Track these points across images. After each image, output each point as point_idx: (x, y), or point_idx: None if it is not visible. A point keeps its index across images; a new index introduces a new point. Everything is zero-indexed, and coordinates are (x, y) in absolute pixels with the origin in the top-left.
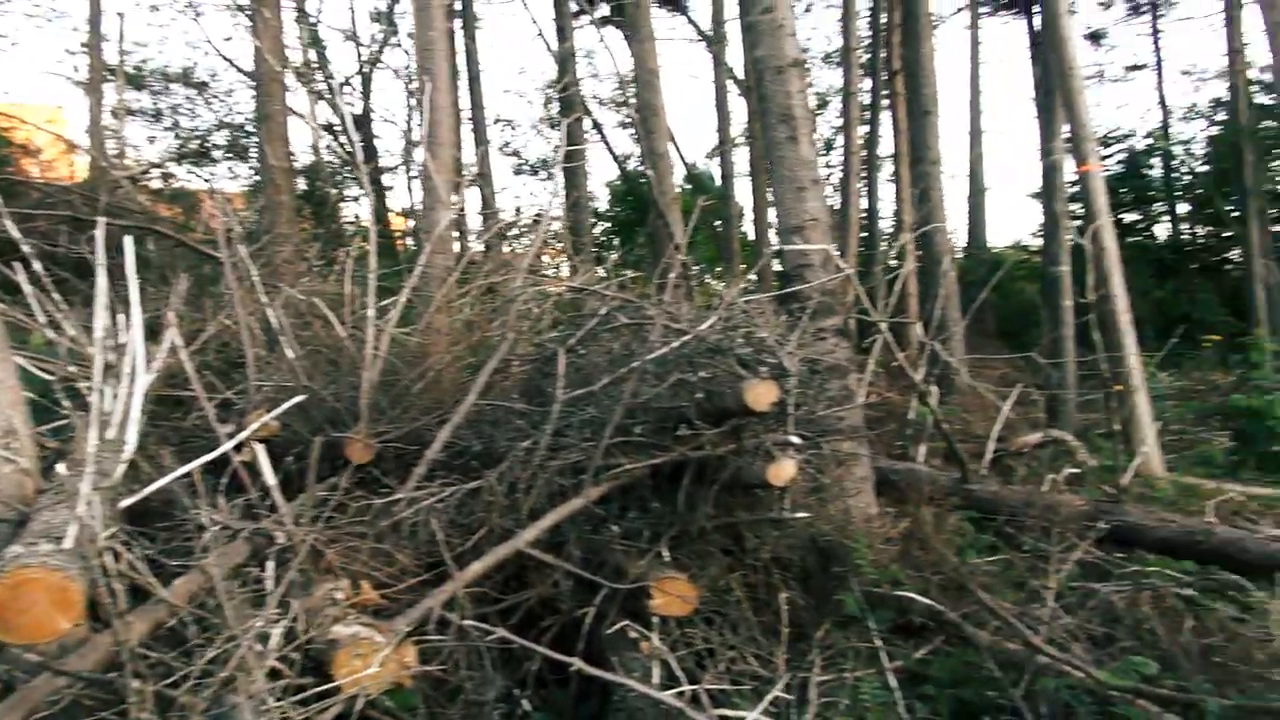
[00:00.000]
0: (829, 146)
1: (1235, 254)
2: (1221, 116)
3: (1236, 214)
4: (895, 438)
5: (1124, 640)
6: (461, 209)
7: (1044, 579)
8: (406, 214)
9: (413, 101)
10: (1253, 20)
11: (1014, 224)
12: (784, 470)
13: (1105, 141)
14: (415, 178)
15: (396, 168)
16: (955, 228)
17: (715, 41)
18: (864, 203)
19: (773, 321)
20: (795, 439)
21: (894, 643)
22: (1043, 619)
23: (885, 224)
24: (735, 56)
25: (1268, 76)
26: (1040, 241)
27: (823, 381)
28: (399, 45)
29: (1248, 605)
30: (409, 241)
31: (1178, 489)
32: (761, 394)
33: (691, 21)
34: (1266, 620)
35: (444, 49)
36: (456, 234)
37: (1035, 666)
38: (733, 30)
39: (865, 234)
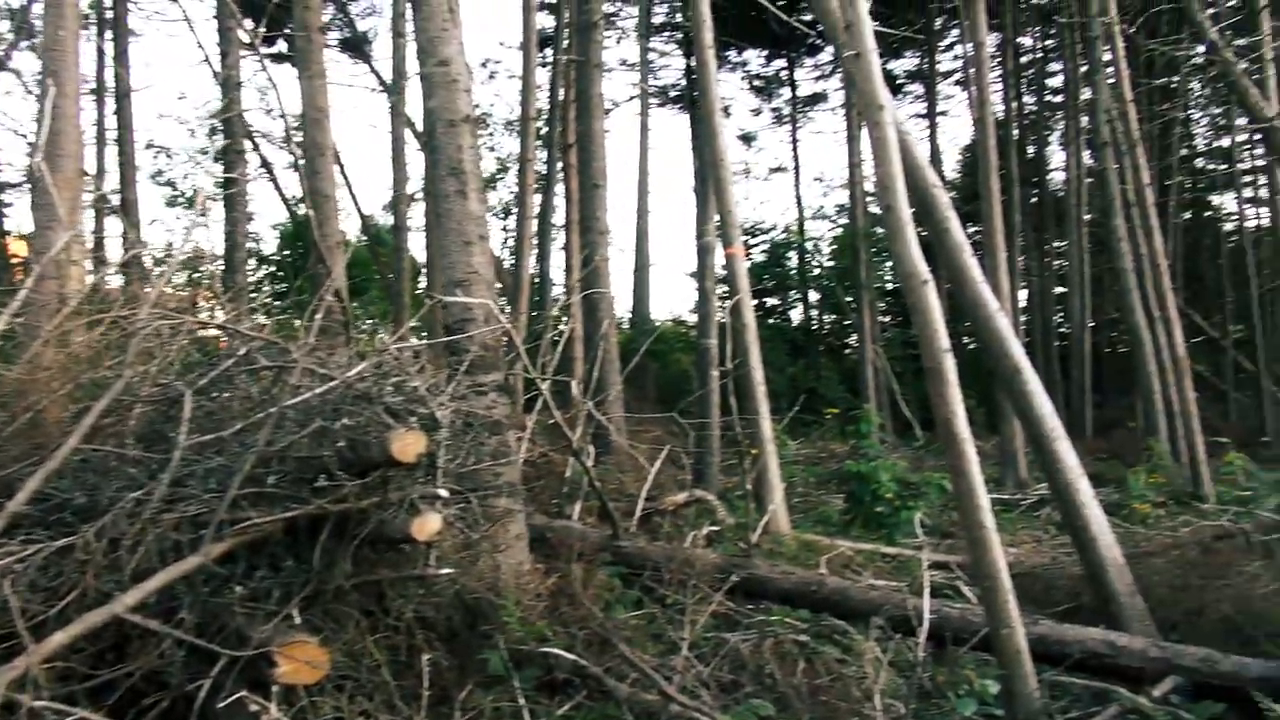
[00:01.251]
0: (507, 212)
1: (853, 339)
2: (844, 220)
3: (853, 304)
4: (553, 495)
5: (748, 685)
6: (99, 236)
7: (681, 630)
8: (24, 236)
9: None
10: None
11: (676, 299)
12: (429, 525)
13: (752, 232)
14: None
15: (20, 184)
16: (621, 299)
17: (394, 91)
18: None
19: (428, 372)
20: (443, 493)
21: (538, 700)
22: (677, 669)
23: (557, 290)
24: (415, 108)
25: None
26: (695, 316)
27: (479, 436)
28: (31, 48)
29: (849, 647)
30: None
31: (800, 545)
32: (409, 444)
33: (373, 69)
34: (861, 660)
35: (74, 51)
36: (89, 263)
37: (669, 715)
38: (413, 82)
39: (536, 298)
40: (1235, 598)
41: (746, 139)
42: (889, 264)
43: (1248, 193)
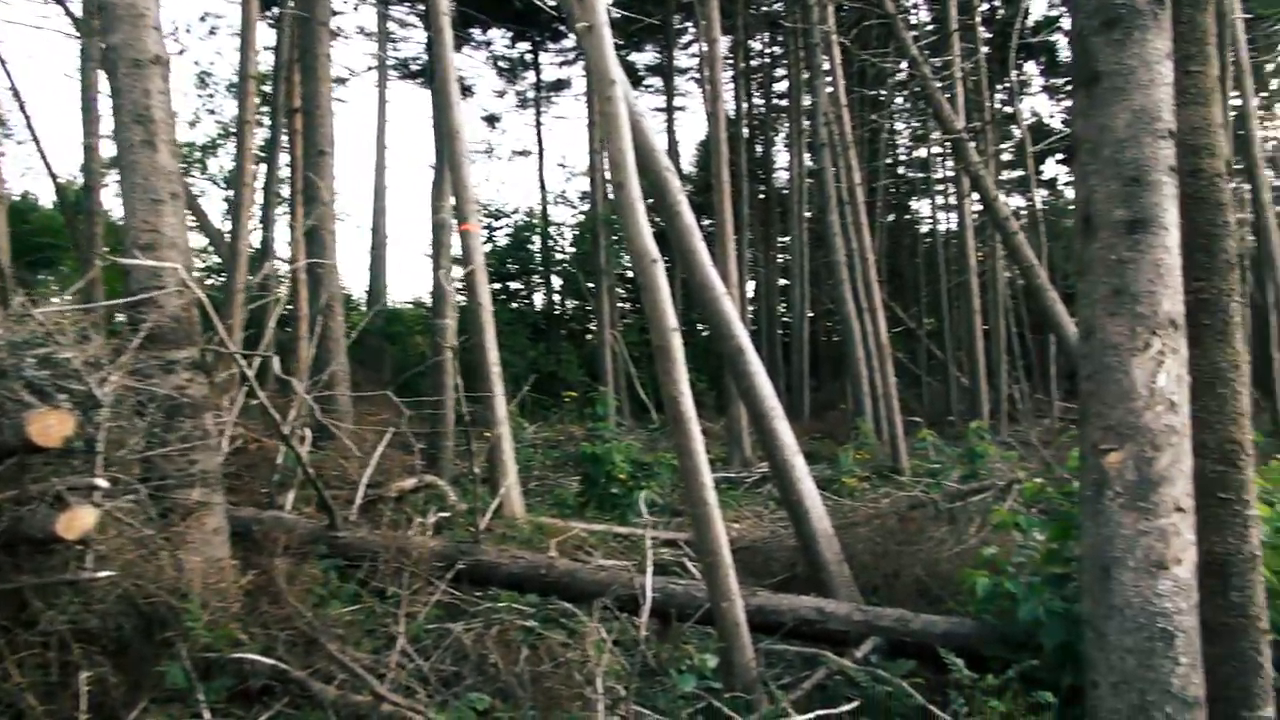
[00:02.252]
0: (229, 181)
1: (594, 324)
2: (585, 205)
3: (593, 289)
4: (265, 484)
5: (470, 677)
6: None
7: (400, 624)
8: None
9: None
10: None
11: (418, 281)
12: (79, 521)
13: (496, 215)
14: None
15: None
16: (358, 278)
17: (85, 29)
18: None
19: (93, 344)
20: (101, 483)
21: (230, 712)
22: (391, 665)
23: (281, 265)
24: None
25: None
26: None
27: (167, 419)
28: None
29: (576, 631)
30: None
31: (534, 528)
32: (52, 426)
33: (64, 7)
34: (584, 644)
35: None
36: None
37: (380, 716)
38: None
39: (257, 271)
40: (925, 561)
41: (491, 120)
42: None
43: (940, 199)
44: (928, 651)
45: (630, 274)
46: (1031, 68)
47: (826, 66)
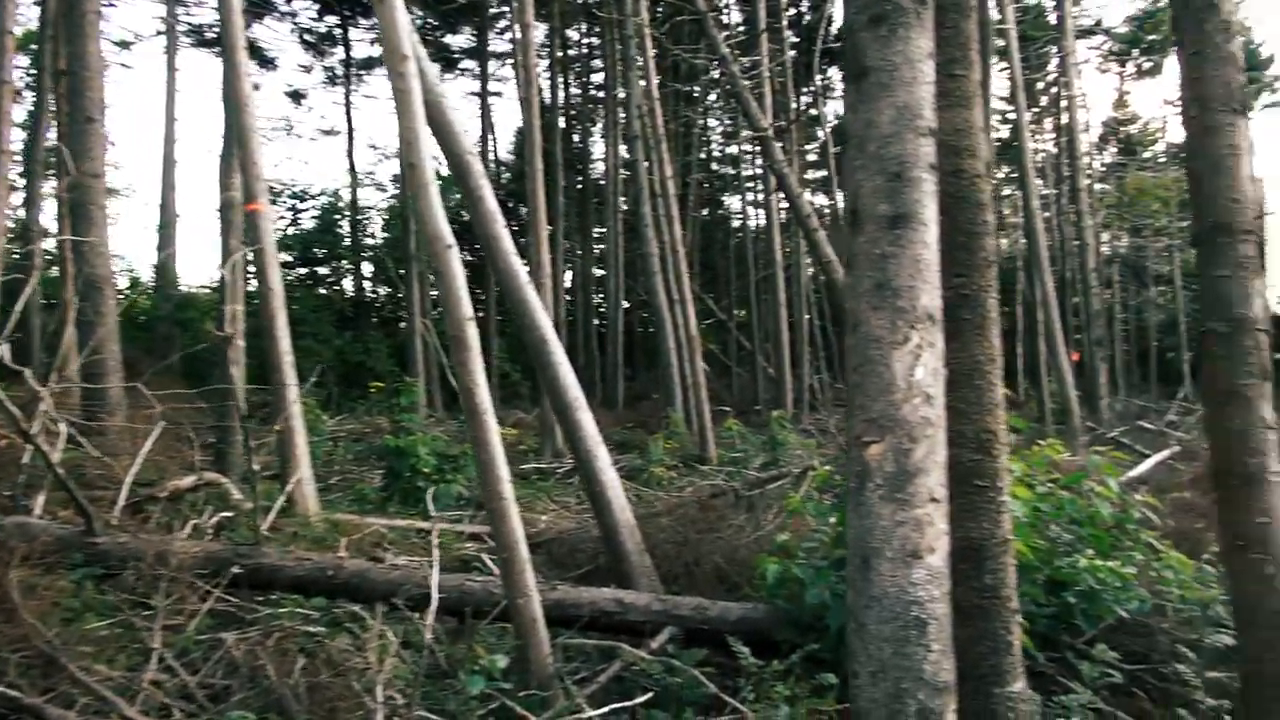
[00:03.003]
0: None
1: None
2: (397, 189)
3: (404, 276)
4: (11, 486)
5: (240, 691)
6: None
7: (171, 637)
8: None
9: None
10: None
11: (214, 262)
12: None
13: (301, 196)
14: None
15: None
16: (144, 260)
17: None
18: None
19: None
20: None
21: None
22: (145, 683)
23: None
24: None
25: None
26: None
27: None
28: None
29: (361, 635)
30: None
31: (328, 526)
32: None
33: None
34: (367, 649)
35: None
36: None
37: None
38: None
39: (18, 249)
40: (725, 549)
41: (296, 96)
42: None
43: (751, 196)
44: (721, 640)
45: None
46: (835, 72)
47: (641, 60)
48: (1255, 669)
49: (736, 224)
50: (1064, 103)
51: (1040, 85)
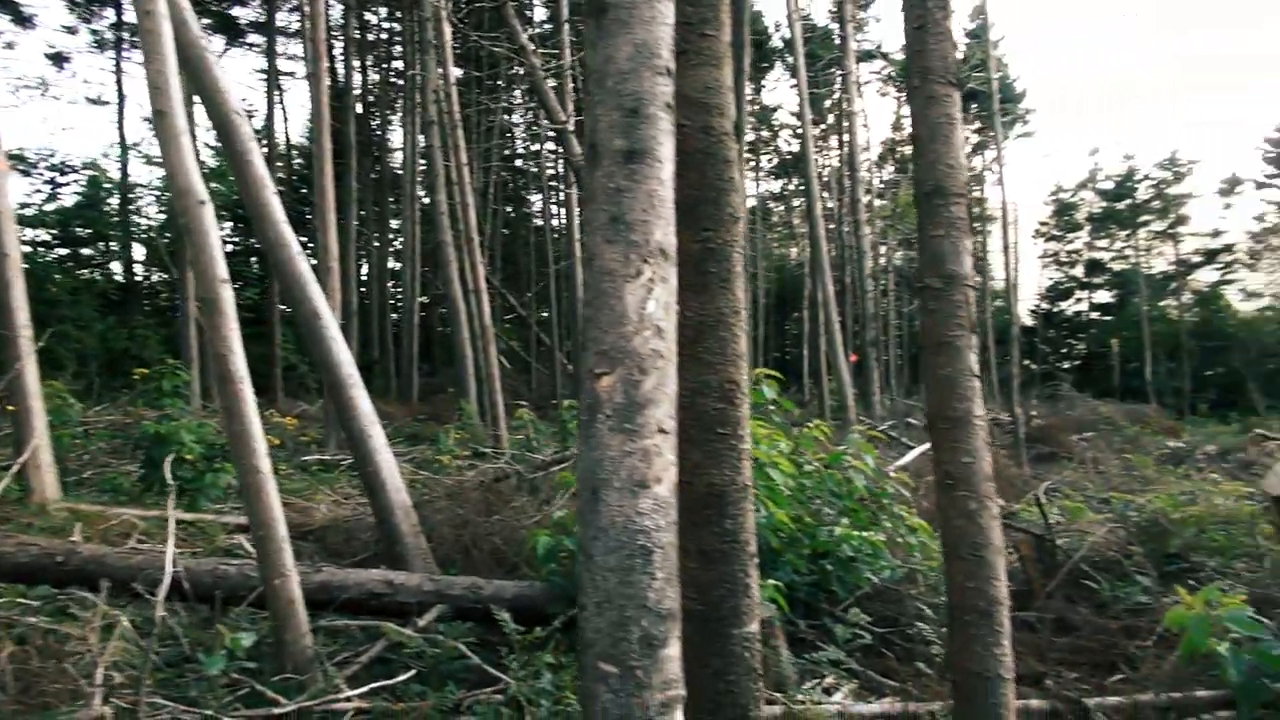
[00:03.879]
0: None
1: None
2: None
3: (177, 257)
4: None
5: None
6: None
7: None
8: None
9: None
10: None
11: None
12: None
13: (62, 168)
14: None
15: None
16: None
17: None
18: None
19: None
20: None
21: None
22: None
23: None
24: None
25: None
26: None
27: None
28: None
29: (88, 621)
30: None
31: (69, 516)
32: None
33: None
34: (89, 632)
35: None
36: None
37: None
38: None
39: None
40: (505, 530)
41: (58, 59)
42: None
43: (553, 194)
44: (491, 615)
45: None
46: None
47: (438, 43)
48: (958, 599)
49: (540, 221)
50: (846, 121)
51: (828, 103)
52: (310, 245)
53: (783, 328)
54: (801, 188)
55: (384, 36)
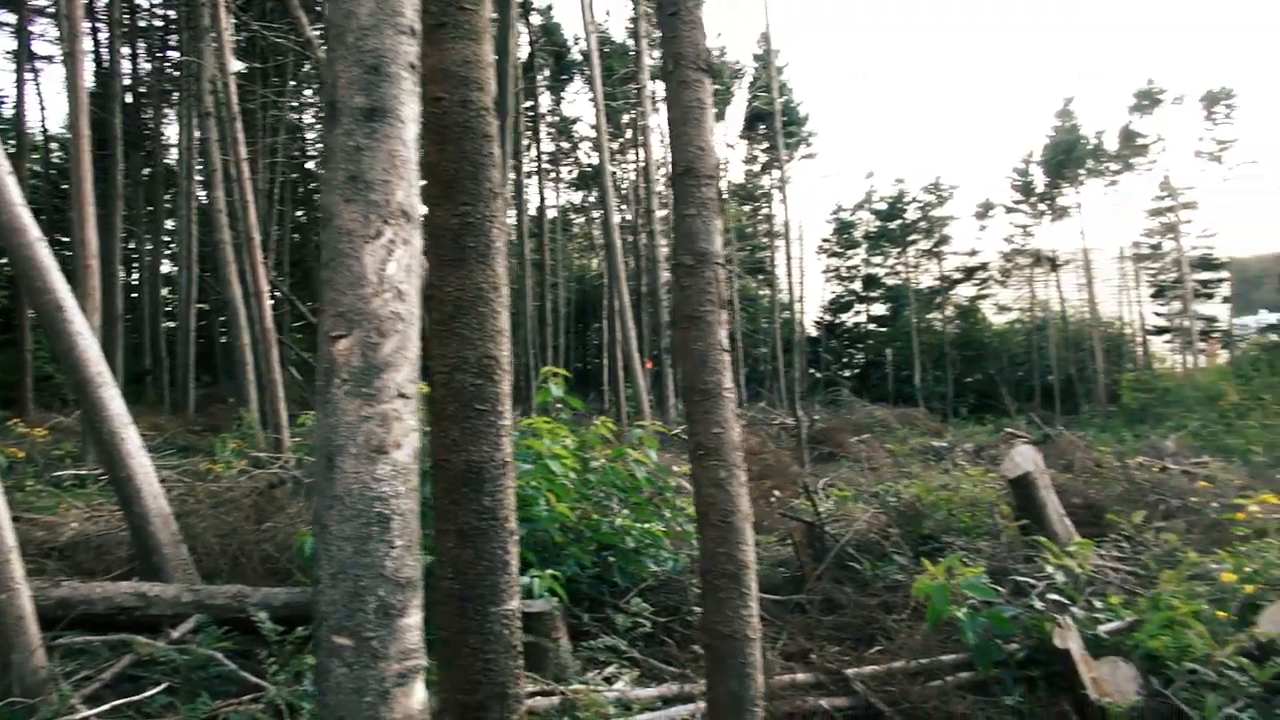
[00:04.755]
0: None
1: None
2: None
3: None
4: None
5: None
6: None
7: None
8: None
9: None
10: None
11: None
12: None
13: None
14: None
15: None
16: None
17: None
18: None
19: None
20: None
21: None
22: None
23: None
24: None
25: None
26: None
27: None
28: None
29: None
30: None
31: None
32: None
33: None
34: None
35: None
36: None
37: None
38: None
39: None
40: (278, 538)
41: None
42: None
43: None
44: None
45: None
46: None
47: (215, 31)
48: (709, 565)
49: None
50: (642, 135)
51: (626, 118)
52: (67, 241)
53: (584, 338)
54: (598, 201)
55: (158, 23)
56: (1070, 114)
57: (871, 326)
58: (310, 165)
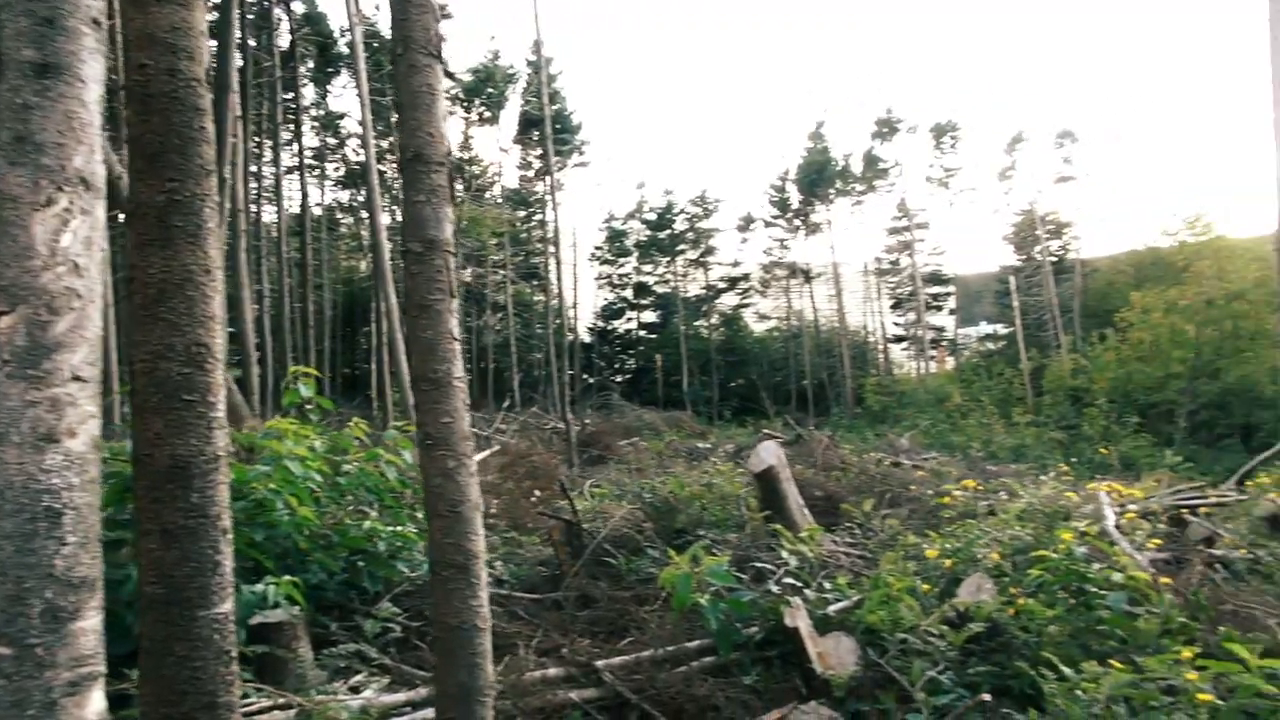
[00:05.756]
0: None
1: None
2: None
3: None
4: None
5: None
6: None
7: None
8: None
9: None
10: None
11: None
12: None
13: None
14: None
15: None
16: None
17: None
18: None
19: None
20: None
21: None
22: None
23: None
24: None
25: None
26: None
27: None
28: None
29: None
30: None
31: None
32: None
33: None
34: None
35: None
36: None
37: None
38: None
39: None
40: None
41: None
42: None
43: None
44: None
45: None
46: None
47: None
48: (438, 555)
49: None
50: None
51: (395, 116)
52: None
53: (354, 341)
54: (362, 201)
55: None
56: (821, 136)
57: (642, 333)
58: None
